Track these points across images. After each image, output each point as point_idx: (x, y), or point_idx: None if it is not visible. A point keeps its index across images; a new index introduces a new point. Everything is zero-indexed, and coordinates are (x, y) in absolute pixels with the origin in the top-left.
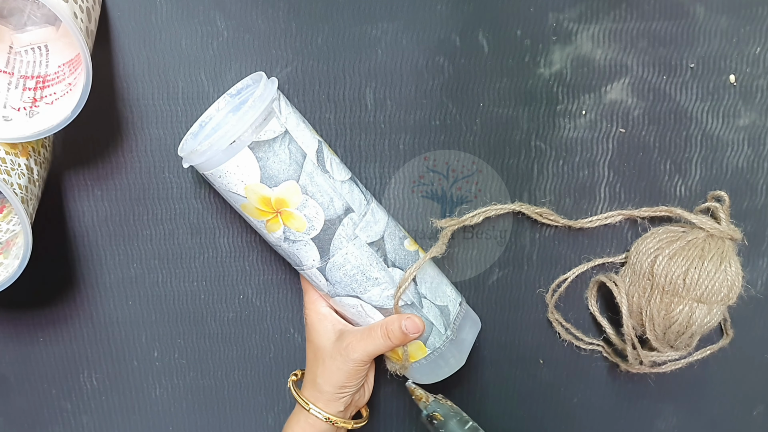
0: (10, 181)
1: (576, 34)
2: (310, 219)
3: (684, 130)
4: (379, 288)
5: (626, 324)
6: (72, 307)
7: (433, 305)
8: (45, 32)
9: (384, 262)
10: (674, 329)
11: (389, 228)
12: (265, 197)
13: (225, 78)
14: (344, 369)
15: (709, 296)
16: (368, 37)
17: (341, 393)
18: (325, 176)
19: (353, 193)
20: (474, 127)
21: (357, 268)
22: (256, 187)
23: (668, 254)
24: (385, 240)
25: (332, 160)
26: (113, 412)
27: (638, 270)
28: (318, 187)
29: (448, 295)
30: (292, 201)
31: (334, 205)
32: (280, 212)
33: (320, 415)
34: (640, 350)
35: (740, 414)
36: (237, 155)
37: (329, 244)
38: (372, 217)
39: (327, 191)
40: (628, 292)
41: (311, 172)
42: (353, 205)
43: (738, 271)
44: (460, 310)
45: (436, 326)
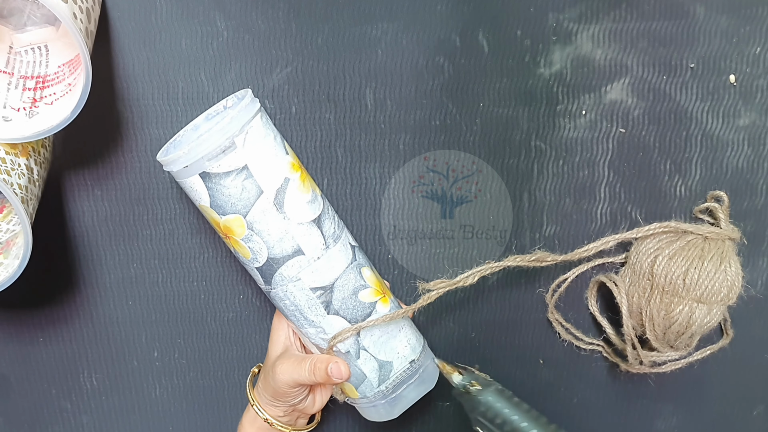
0: (10, 181)
1: (576, 34)
2: (254, 252)
3: (684, 130)
4: (315, 329)
5: (626, 324)
6: (72, 307)
7: (373, 358)
8: (45, 32)
9: (324, 309)
10: (674, 329)
11: (345, 277)
12: (215, 220)
13: (225, 78)
14: (272, 386)
15: (709, 296)
16: (368, 37)
17: (275, 402)
18: (279, 217)
19: (309, 237)
20: (474, 127)
21: (295, 306)
22: (208, 210)
23: (668, 254)
24: (335, 288)
25: (298, 199)
26: (113, 412)
27: (638, 270)
28: (267, 225)
29: (398, 352)
30: (237, 232)
31: (283, 245)
32: (228, 237)
33: (260, 413)
34: (640, 350)
35: (740, 414)
36: (190, 178)
37: (271, 277)
38: (325, 263)
39: (276, 231)
40: (628, 292)
41: (264, 209)
42: (305, 248)
43: (738, 271)
44: (408, 368)
45: (369, 379)
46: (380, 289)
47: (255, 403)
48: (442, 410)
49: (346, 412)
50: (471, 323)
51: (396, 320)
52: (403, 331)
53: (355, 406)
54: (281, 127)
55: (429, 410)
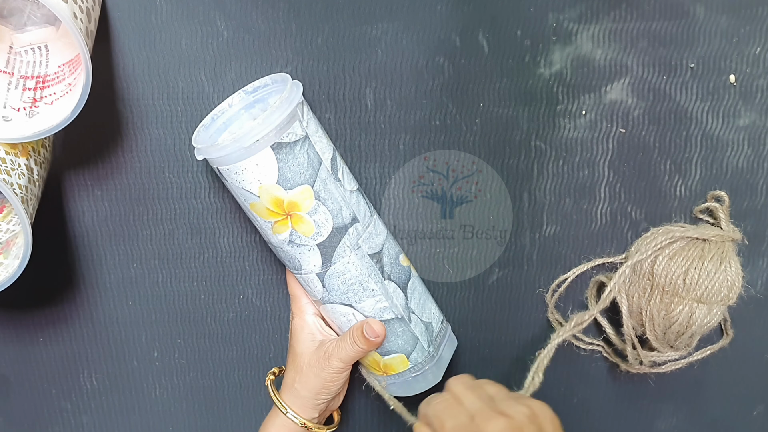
0: (10, 181)
1: (576, 34)
2: (318, 225)
3: (684, 130)
4: (374, 299)
5: (626, 324)
6: (72, 307)
7: (420, 321)
8: (45, 32)
9: (381, 274)
10: (674, 329)
11: (388, 242)
12: (279, 199)
13: (225, 78)
14: (322, 376)
15: (709, 296)
16: (368, 37)
17: (318, 400)
18: (337, 184)
19: (360, 204)
20: (474, 127)
21: (356, 278)
22: (272, 188)
23: (668, 254)
24: (384, 253)
25: (344, 169)
26: (113, 412)
27: (638, 270)
28: (330, 194)
29: (433, 313)
30: (304, 205)
31: (343, 213)
32: (291, 215)
33: (296, 419)
34: (640, 350)
35: (740, 414)
36: (258, 154)
37: (333, 251)
38: (374, 229)
39: (337, 199)
40: (628, 292)
41: (325, 178)
42: (359, 215)
43: (738, 271)
44: (441, 327)
45: (421, 341)
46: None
47: (288, 409)
48: None
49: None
50: (471, 323)
51: (422, 282)
52: (428, 292)
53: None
54: None
55: None
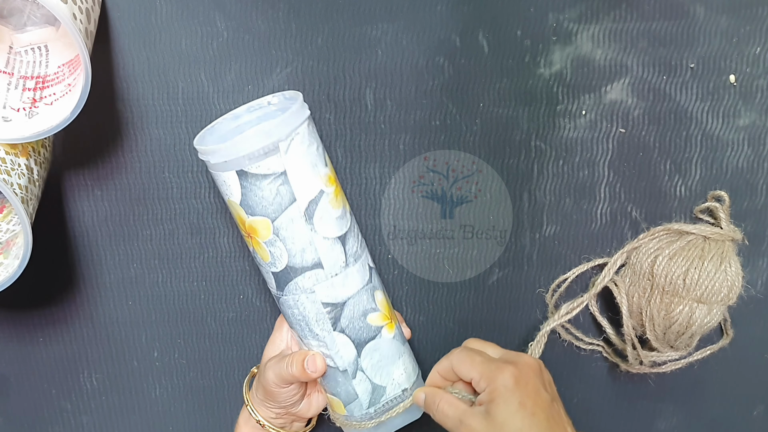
0: (10, 181)
1: (576, 34)
2: (274, 256)
3: (684, 130)
4: (317, 342)
5: (626, 324)
6: (72, 307)
7: (368, 380)
8: (45, 32)
9: (332, 325)
10: (674, 329)
11: (358, 297)
12: (241, 218)
13: (225, 78)
14: (263, 385)
15: (709, 296)
16: (368, 37)
17: (267, 403)
18: (307, 228)
19: (332, 252)
20: (474, 127)
21: (302, 317)
22: (236, 207)
23: (668, 254)
24: (346, 306)
25: (328, 214)
26: (113, 412)
27: (638, 270)
28: (293, 233)
29: (393, 378)
30: (261, 234)
31: (305, 256)
32: (251, 236)
33: (253, 414)
34: (640, 350)
35: (740, 414)
36: (225, 173)
37: (285, 285)
38: (342, 280)
39: (301, 241)
40: (628, 293)
41: (293, 218)
42: (326, 263)
43: (738, 271)
44: (399, 395)
45: (360, 399)
46: (388, 314)
47: (249, 404)
48: None
49: None
50: (471, 323)
51: (398, 347)
52: (402, 358)
53: (341, 426)
54: None
55: None
